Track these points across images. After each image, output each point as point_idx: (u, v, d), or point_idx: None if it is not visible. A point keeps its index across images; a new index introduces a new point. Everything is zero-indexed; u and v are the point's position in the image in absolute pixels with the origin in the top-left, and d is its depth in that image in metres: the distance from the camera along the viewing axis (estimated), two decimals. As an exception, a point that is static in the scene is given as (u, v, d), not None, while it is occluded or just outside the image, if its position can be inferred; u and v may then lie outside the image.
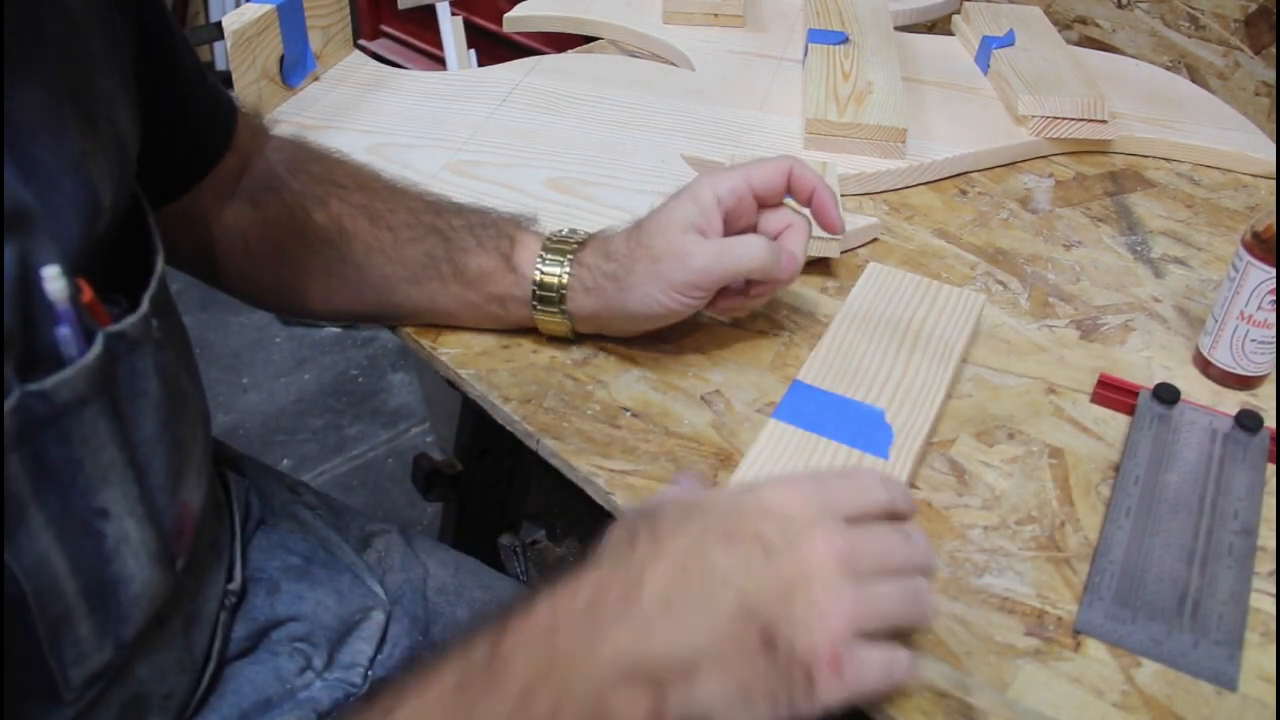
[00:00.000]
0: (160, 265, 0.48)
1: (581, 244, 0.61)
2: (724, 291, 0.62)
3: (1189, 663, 0.47)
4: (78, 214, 0.42)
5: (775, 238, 0.61)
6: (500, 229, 0.63)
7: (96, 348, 0.41)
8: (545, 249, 0.61)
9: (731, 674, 0.39)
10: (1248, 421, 0.59)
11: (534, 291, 0.61)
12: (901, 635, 0.45)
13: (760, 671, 0.40)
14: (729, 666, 0.39)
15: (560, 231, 0.63)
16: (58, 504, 0.41)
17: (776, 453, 0.56)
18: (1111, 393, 0.62)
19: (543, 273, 0.61)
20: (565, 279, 0.60)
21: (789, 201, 0.62)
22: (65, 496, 0.41)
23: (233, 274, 0.66)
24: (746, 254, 0.58)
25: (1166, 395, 0.60)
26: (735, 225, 0.61)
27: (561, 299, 0.61)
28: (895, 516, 0.46)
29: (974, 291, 0.68)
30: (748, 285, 0.63)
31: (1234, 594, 0.50)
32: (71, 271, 0.40)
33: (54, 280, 0.39)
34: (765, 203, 0.61)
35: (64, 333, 0.40)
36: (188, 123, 0.60)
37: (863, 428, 0.57)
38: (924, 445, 0.57)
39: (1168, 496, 0.55)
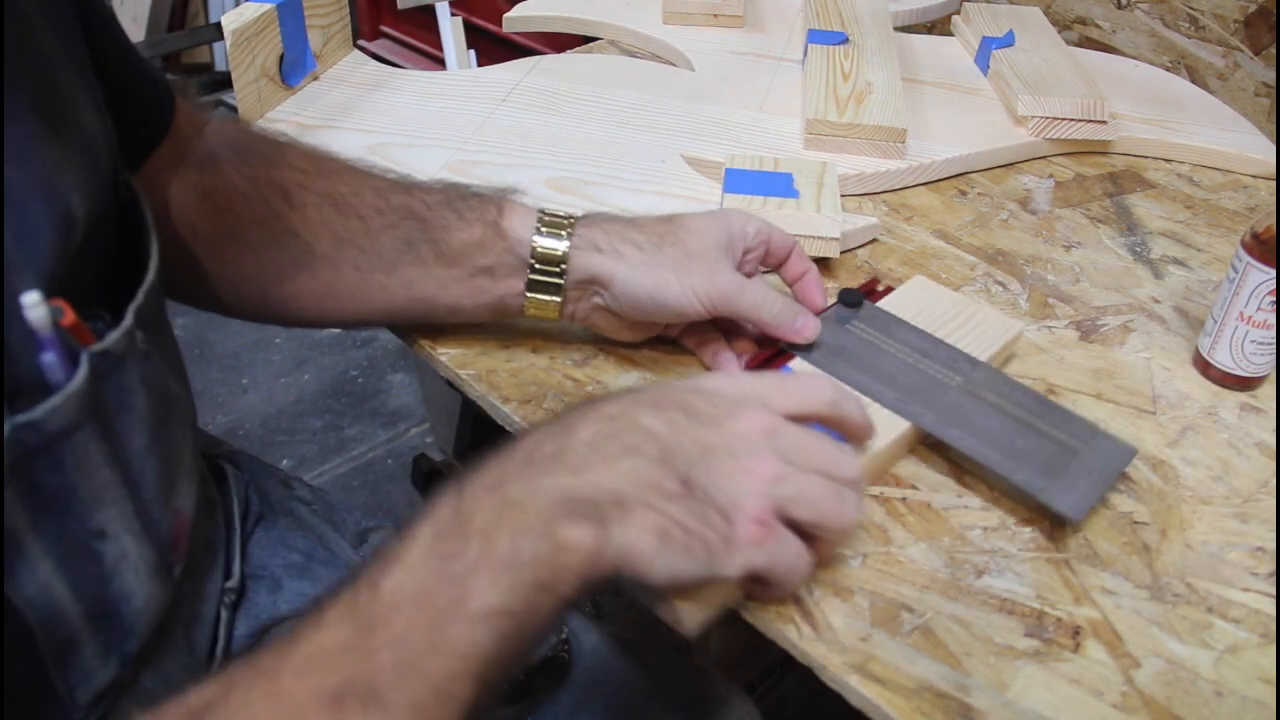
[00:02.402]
0: (152, 273, 0.46)
1: (579, 218, 0.59)
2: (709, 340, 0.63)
3: None
4: (50, 233, 0.40)
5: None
6: (483, 198, 0.59)
7: (82, 370, 0.40)
8: (542, 222, 0.58)
9: (653, 513, 0.41)
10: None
11: (532, 262, 0.58)
12: (821, 549, 0.47)
13: (678, 514, 0.42)
14: (651, 506, 0.41)
15: (554, 209, 0.59)
16: (55, 531, 0.40)
17: None
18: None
19: (542, 246, 0.57)
20: (565, 250, 0.57)
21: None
22: (62, 523, 0.41)
23: (186, 273, 0.60)
24: (764, 299, 0.59)
25: None
26: (742, 269, 0.61)
27: (563, 270, 0.58)
28: (842, 428, 0.49)
29: (1013, 319, 0.66)
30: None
31: None
32: (50, 294, 0.38)
33: (34, 308, 0.37)
34: (770, 262, 0.63)
35: (49, 359, 0.39)
36: (124, 105, 0.53)
37: None
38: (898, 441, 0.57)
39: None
